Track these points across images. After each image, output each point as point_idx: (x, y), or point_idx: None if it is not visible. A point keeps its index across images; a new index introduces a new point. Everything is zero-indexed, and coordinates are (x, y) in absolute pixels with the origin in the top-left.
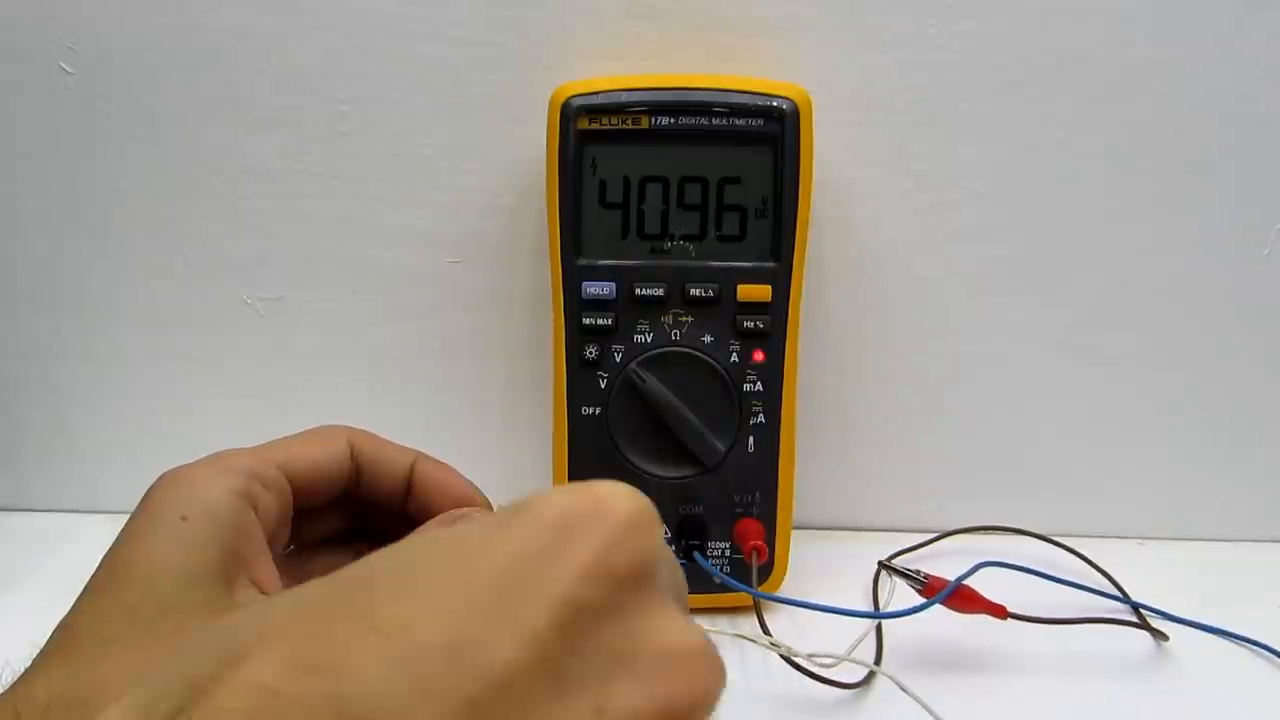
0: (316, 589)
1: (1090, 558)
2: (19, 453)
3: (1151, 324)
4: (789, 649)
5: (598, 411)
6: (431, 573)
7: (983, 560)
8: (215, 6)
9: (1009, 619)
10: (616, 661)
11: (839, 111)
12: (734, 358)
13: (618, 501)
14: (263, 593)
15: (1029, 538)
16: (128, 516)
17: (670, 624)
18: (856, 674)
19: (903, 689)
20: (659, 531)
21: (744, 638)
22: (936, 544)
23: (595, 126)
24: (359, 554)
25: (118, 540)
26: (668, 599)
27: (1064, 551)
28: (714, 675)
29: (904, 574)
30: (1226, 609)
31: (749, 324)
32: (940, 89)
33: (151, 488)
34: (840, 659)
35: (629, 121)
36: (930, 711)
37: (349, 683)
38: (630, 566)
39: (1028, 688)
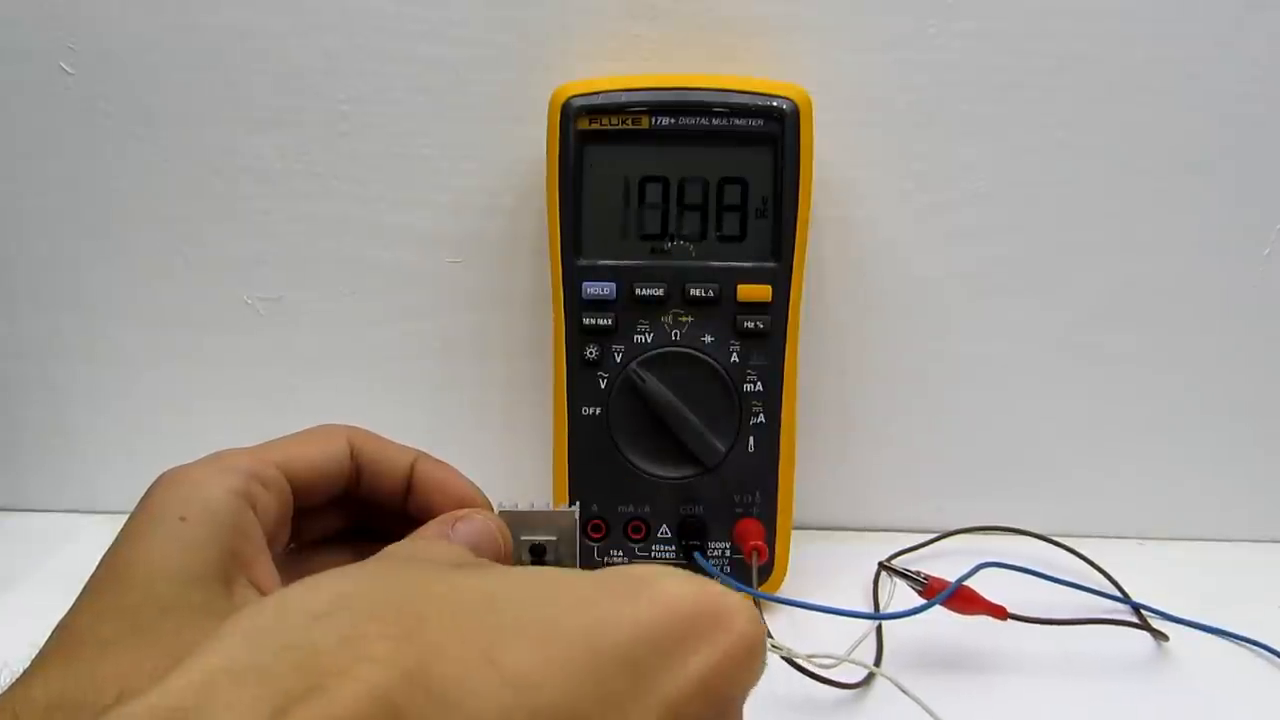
0: (435, 588)
1: (1090, 558)
2: (19, 453)
3: (1151, 324)
4: (789, 650)
5: (598, 412)
6: (559, 629)
7: (983, 561)
8: (215, 7)
9: (1009, 620)
10: None
11: (839, 111)
12: (734, 358)
13: (742, 619)
14: (262, 593)
15: (1029, 538)
16: (127, 517)
17: None
18: (856, 674)
19: (902, 690)
20: (765, 650)
21: None
22: (936, 544)
23: (595, 127)
24: (360, 553)
25: (116, 541)
26: (741, 714)
27: (1064, 552)
28: None
29: (904, 575)
30: (1226, 609)
31: (749, 324)
32: (940, 89)
33: (150, 488)
34: (840, 660)
35: (629, 121)
36: (930, 712)
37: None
38: (738, 691)
39: (1028, 688)
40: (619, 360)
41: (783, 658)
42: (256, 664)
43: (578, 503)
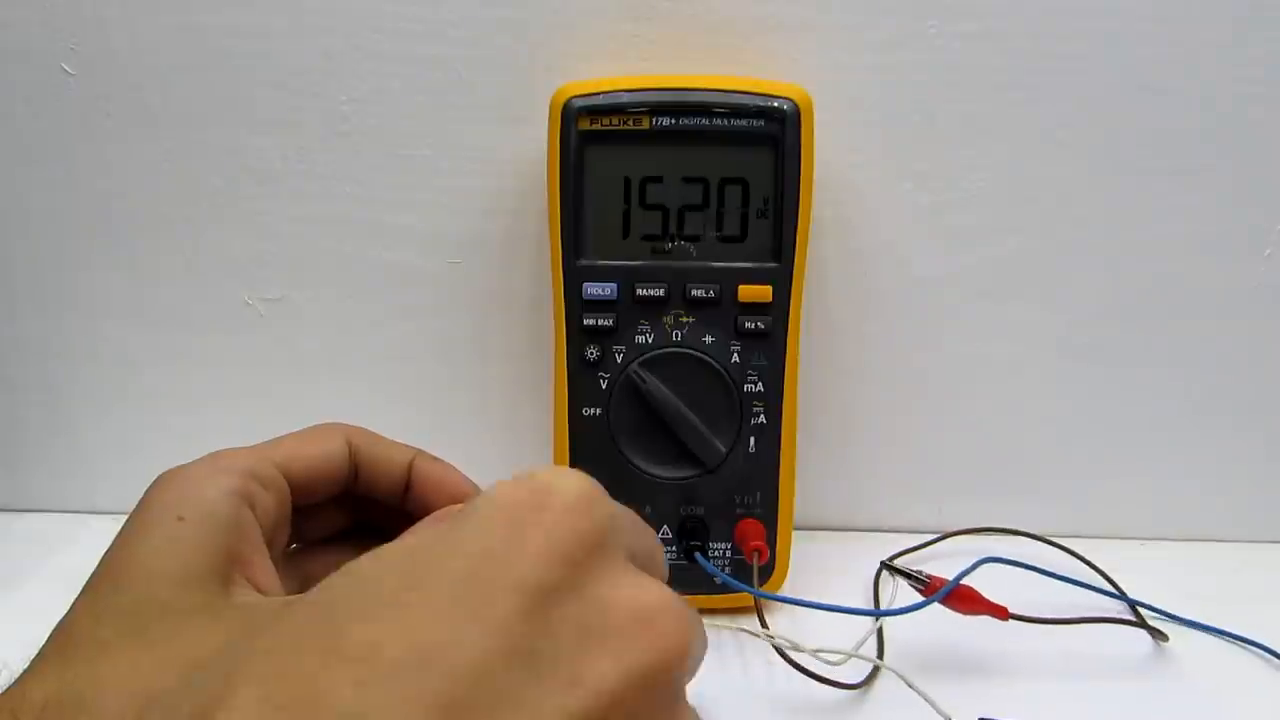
0: (282, 621)
1: (1090, 558)
2: (19, 453)
3: (1151, 324)
4: (792, 643)
5: (598, 412)
6: (391, 589)
7: (984, 556)
8: (216, 7)
9: (1009, 619)
10: (585, 634)
11: (840, 112)
12: (735, 358)
13: (556, 484)
14: (261, 592)
15: (1029, 539)
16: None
17: (633, 589)
18: (857, 675)
19: (908, 684)
20: (604, 503)
21: (746, 631)
22: (936, 545)
23: (596, 127)
24: (361, 552)
25: (115, 541)
26: (628, 564)
27: (1063, 553)
28: (683, 630)
29: (906, 574)
30: (1226, 609)
31: (750, 324)
32: (941, 89)
33: (149, 488)
34: (847, 655)
35: (630, 122)
36: (935, 708)
37: (324, 714)
38: (580, 543)
39: (1028, 688)
40: (620, 361)
41: (782, 655)
42: None
43: None
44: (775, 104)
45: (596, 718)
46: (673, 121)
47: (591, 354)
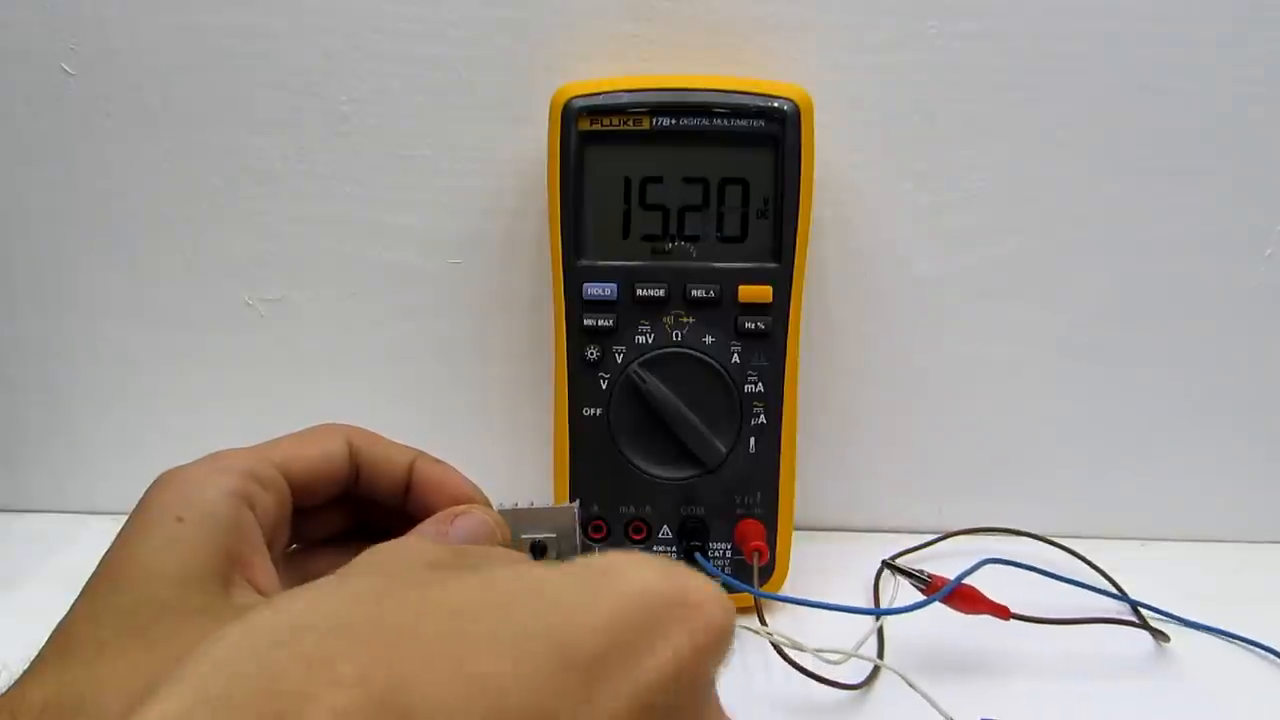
0: (397, 601)
1: (1091, 558)
2: (19, 453)
3: (1152, 324)
4: (793, 642)
5: (599, 413)
6: (524, 629)
7: (986, 557)
8: (216, 7)
9: (1011, 619)
10: None
11: (840, 112)
12: (735, 358)
13: (709, 603)
14: (260, 593)
15: (1029, 539)
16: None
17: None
18: (857, 675)
19: (909, 684)
20: (733, 631)
21: (746, 629)
22: (937, 545)
23: (596, 127)
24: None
25: (114, 542)
26: (717, 696)
27: (1064, 553)
28: None
29: (907, 573)
30: (1227, 610)
31: (750, 325)
32: (941, 89)
33: (148, 489)
34: (848, 655)
35: (630, 122)
36: (936, 707)
37: (416, 700)
38: (709, 676)
39: (1029, 688)
40: (620, 361)
41: (782, 655)
42: (224, 695)
43: (577, 499)
44: (775, 104)
45: None
46: (673, 122)
47: (592, 354)
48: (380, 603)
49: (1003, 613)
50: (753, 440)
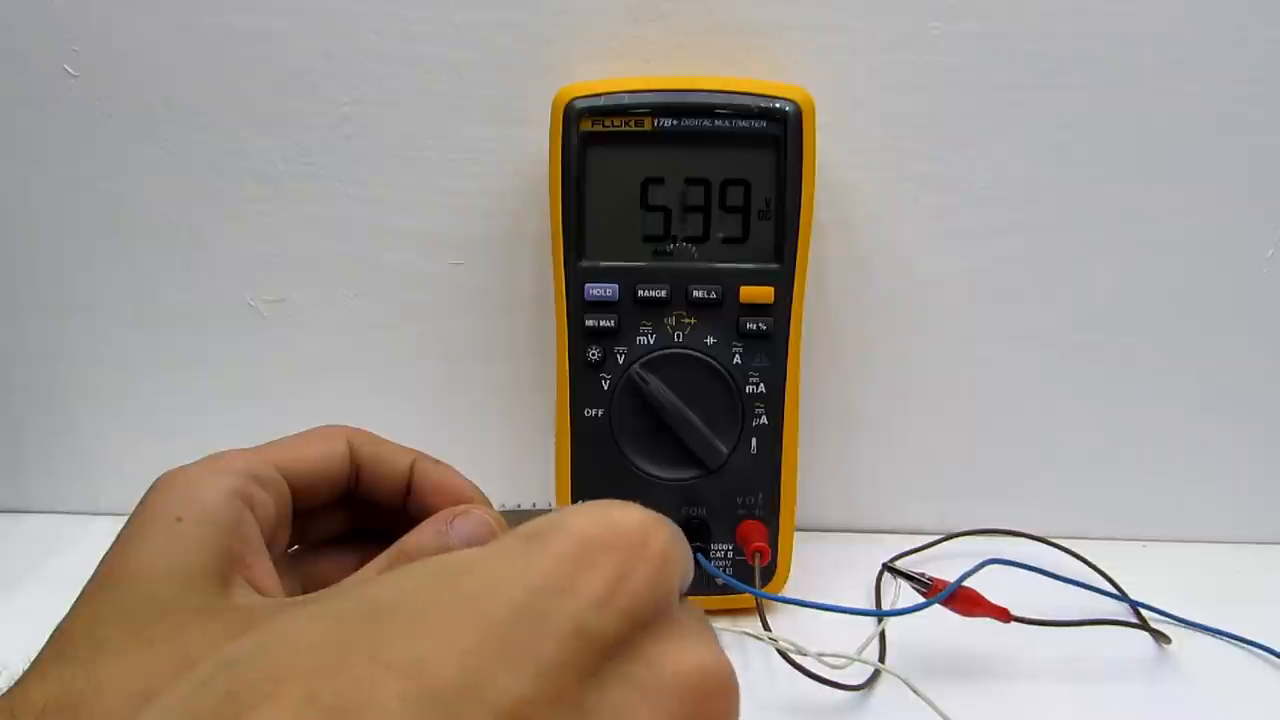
0: (320, 622)
1: (1092, 560)
2: (21, 454)
3: (1153, 325)
4: (794, 645)
5: (600, 413)
6: (444, 608)
7: (987, 558)
8: (218, 9)
9: (1011, 621)
10: (633, 689)
11: (841, 113)
12: (736, 359)
13: (631, 527)
14: (260, 594)
15: (1031, 540)
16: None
17: (689, 653)
18: (859, 677)
19: (911, 688)
20: (675, 553)
21: (750, 635)
22: (938, 547)
23: (598, 128)
24: (362, 554)
25: (114, 542)
26: (684, 618)
27: (1065, 554)
28: (732, 699)
29: (908, 576)
30: (1229, 611)
31: (751, 326)
32: (942, 90)
33: (148, 489)
34: (850, 660)
35: (632, 123)
36: (937, 710)
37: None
38: (643, 595)
39: (1030, 690)
40: (621, 362)
41: (784, 657)
42: None
43: (579, 500)
44: (777, 105)
45: None
46: (674, 122)
47: (593, 355)
48: (303, 635)
49: (1003, 615)
50: (754, 441)
